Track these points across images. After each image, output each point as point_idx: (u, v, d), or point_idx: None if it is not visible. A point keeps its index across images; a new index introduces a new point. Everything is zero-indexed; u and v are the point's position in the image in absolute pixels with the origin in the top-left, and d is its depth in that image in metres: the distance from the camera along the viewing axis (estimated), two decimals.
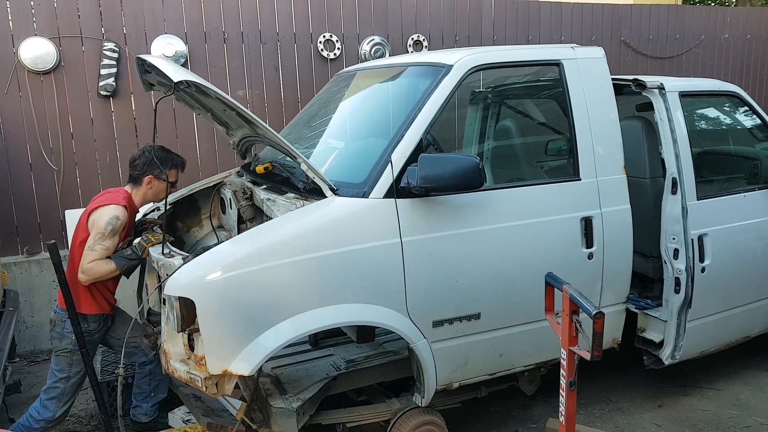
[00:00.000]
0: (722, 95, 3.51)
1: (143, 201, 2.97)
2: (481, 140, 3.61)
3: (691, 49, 6.51)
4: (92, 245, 2.73)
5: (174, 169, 2.97)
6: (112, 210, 2.75)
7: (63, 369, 2.86)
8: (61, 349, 2.85)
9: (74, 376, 2.87)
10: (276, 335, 2.32)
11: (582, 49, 2.96)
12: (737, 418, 3.29)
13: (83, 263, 2.73)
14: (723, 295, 3.26)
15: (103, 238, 2.73)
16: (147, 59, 2.60)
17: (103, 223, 2.72)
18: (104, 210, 2.76)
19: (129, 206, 2.84)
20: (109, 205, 2.77)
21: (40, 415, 2.87)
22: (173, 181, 2.98)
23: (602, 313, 2.01)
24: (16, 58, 4.28)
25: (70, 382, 2.87)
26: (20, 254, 4.44)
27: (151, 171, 2.89)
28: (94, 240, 2.73)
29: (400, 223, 2.49)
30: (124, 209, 2.78)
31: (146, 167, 2.89)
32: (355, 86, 3.38)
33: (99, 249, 2.73)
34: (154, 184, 2.91)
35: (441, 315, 2.62)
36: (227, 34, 4.83)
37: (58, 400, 2.87)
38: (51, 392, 2.88)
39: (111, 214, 2.73)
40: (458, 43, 5.55)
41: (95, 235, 2.73)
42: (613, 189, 2.92)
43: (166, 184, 2.90)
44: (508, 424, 3.27)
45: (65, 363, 2.85)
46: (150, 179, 2.90)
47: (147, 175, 2.89)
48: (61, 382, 2.87)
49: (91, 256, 2.73)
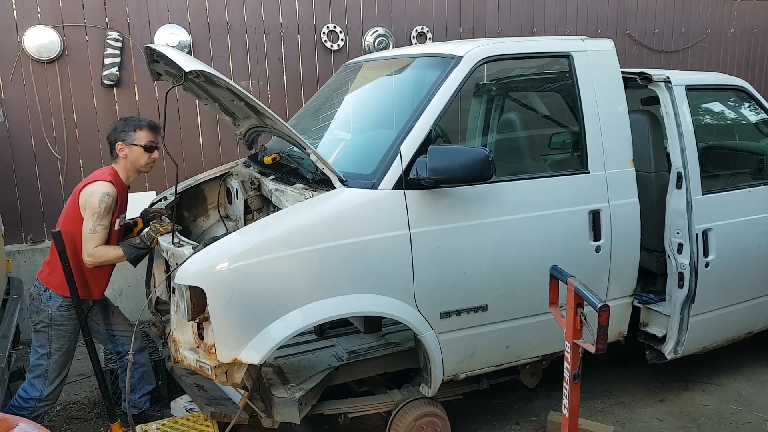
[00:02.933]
0: (729, 89, 3.49)
1: (126, 173, 2.89)
2: (488, 132, 3.60)
3: (697, 43, 6.46)
4: (93, 227, 2.70)
5: (139, 131, 2.83)
6: (100, 186, 2.72)
7: (43, 345, 2.83)
8: (38, 322, 2.81)
9: (55, 353, 2.83)
10: (285, 325, 2.34)
11: (592, 42, 2.95)
12: (739, 414, 3.29)
13: (89, 247, 2.72)
14: (726, 291, 3.25)
15: (100, 217, 2.71)
16: (157, 48, 2.60)
17: (96, 201, 2.69)
18: (93, 187, 2.73)
19: (116, 182, 2.79)
20: (96, 182, 2.75)
21: (27, 394, 2.86)
22: (146, 144, 2.84)
23: (608, 306, 2.01)
24: (20, 46, 4.27)
25: (52, 358, 2.83)
26: (24, 242, 4.45)
27: (118, 137, 2.84)
28: (93, 221, 2.70)
29: (408, 215, 2.49)
30: (111, 185, 2.74)
31: (113, 134, 2.85)
32: (363, 77, 3.37)
33: (100, 230, 2.71)
34: (126, 150, 2.84)
35: (448, 306, 2.62)
36: (231, 24, 4.81)
37: (44, 378, 2.84)
38: (35, 370, 2.85)
39: (101, 191, 2.70)
40: (462, 35, 5.52)
41: (92, 215, 2.70)
42: (622, 182, 2.91)
43: (139, 149, 2.83)
44: (509, 417, 3.27)
45: (44, 338, 2.82)
46: (121, 146, 2.83)
47: (117, 142, 2.83)
48: (43, 359, 2.83)
49: (95, 239, 2.71)
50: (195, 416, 2.93)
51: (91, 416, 3.38)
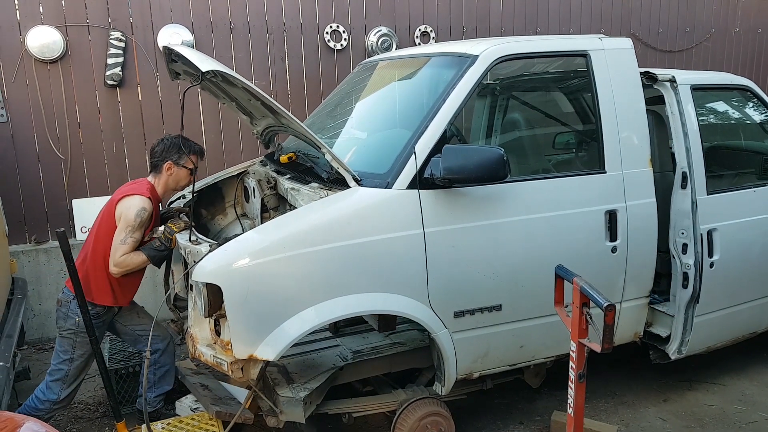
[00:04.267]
0: (734, 89, 3.48)
1: (165, 189, 2.97)
2: (503, 131, 3.59)
3: (702, 43, 6.44)
4: (124, 238, 2.75)
5: (193, 155, 2.96)
6: (138, 201, 2.77)
7: (66, 350, 2.88)
8: (65, 329, 2.86)
9: (78, 359, 2.88)
10: (300, 322, 2.36)
11: (609, 40, 2.94)
12: (743, 414, 3.29)
13: (116, 256, 2.76)
14: (731, 291, 3.24)
15: (134, 231, 2.76)
16: (175, 49, 2.62)
17: (132, 215, 2.74)
18: (131, 201, 2.78)
19: (153, 197, 2.85)
20: (134, 196, 2.79)
21: (44, 395, 2.90)
22: (192, 168, 2.97)
23: (613, 306, 2.00)
24: (23, 46, 4.28)
25: (74, 364, 2.88)
26: (28, 243, 4.46)
27: (169, 156, 2.90)
28: (125, 233, 2.75)
29: (423, 214, 2.50)
30: (149, 201, 2.80)
31: (165, 153, 2.90)
32: (378, 76, 3.38)
33: (131, 242, 2.77)
34: (174, 171, 2.92)
35: (462, 305, 2.63)
36: (234, 23, 4.81)
37: (63, 382, 2.89)
38: (55, 374, 2.90)
39: (139, 206, 2.76)
40: (466, 35, 5.51)
41: (126, 227, 2.75)
42: (639, 182, 2.90)
43: (185, 171, 2.92)
44: (513, 417, 3.27)
45: (69, 344, 2.87)
46: (169, 165, 2.91)
47: (166, 161, 2.90)
48: (64, 364, 2.88)
49: (123, 249, 2.76)
50: (200, 415, 2.94)
51: (96, 416, 3.39)
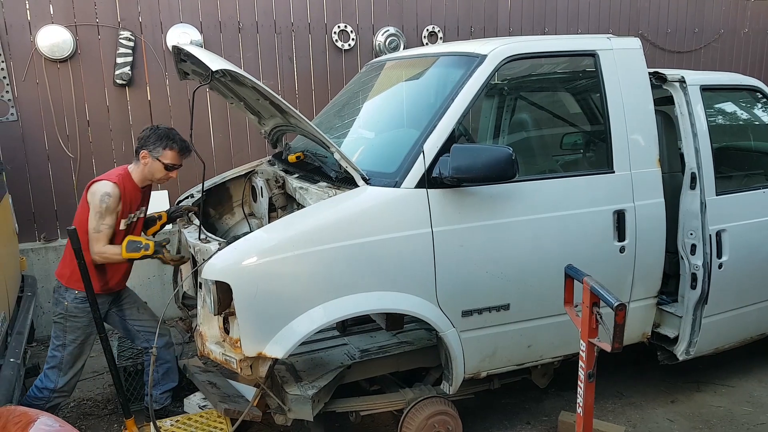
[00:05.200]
0: (743, 90, 3.47)
1: (141, 177, 2.91)
2: (512, 131, 3.59)
3: (710, 44, 6.42)
4: (96, 227, 2.76)
5: (169, 151, 2.84)
6: (102, 186, 2.77)
7: (58, 336, 2.90)
8: (56, 314, 2.89)
9: (70, 344, 2.89)
10: (309, 320, 2.38)
11: (618, 40, 2.93)
12: (751, 415, 3.27)
13: (94, 246, 2.78)
14: (739, 292, 3.23)
15: (102, 217, 2.76)
16: (184, 48, 2.64)
17: (97, 201, 2.75)
18: (96, 186, 2.79)
19: (121, 182, 2.81)
20: (101, 181, 2.80)
21: (42, 383, 2.92)
22: (169, 164, 2.87)
23: (624, 305, 2.00)
24: (33, 46, 4.31)
25: (67, 350, 2.89)
26: (37, 241, 4.49)
27: (146, 146, 2.86)
28: (96, 221, 2.76)
29: (431, 213, 2.50)
30: (114, 186, 2.78)
31: (144, 141, 2.87)
32: (386, 76, 3.38)
33: (104, 229, 2.77)
34: (148, 161, 2.86)
35: (470, 305, 2.63)
36: (242, 23, 4.82)
37: (58, 369, 2.90)
38: (50, 361, 2.92)
39: (102, 191, 2.75)
40: (474, 35, 5.51)
41: (94, 214, 2.76)
42: (647, 182, 2.90)
43: (159, 164, 2.86)
44: (520, 417, 3.27)
45: (60, 329, 2.89)
46: (145, 154, 2.86)
47: (143, 149, 2.86)
48: (58, 350, 2.90)
49: (100, 238, 2.77)
50: (208, 413, 2.95)
51: (105, 413, 3.41)
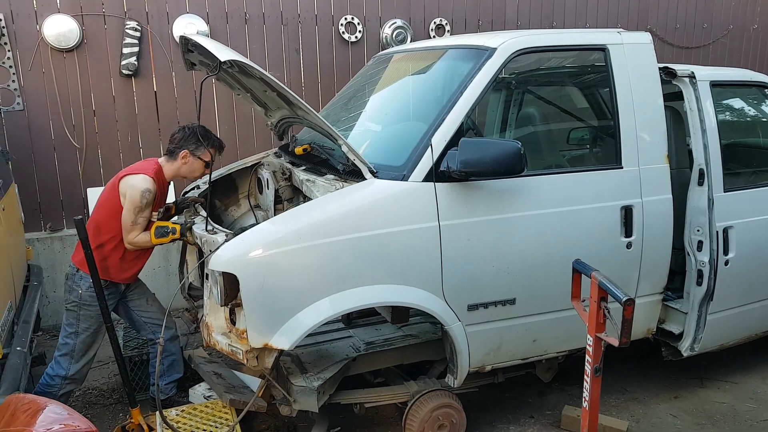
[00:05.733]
0: (753, 86, 3.45)
1: (175, 175, 2.97)
2: (520, 125, 3.56)
3: (719, 39, 6.37)
4: (135, 220, 2.80)
5: (212, 149, 2.96)
6: (142, 182, 2.79)
7: (71, 323, 2.91)
8: (70, 302, 2.90)
9: (83, 332, 2.90)
10: (315, 312, 2.38)
11: (629, 34, 2.92)
12: (754, 412, 3.28)
13: (130, 237, 2.82)
14: (745, 289, 3.23)
15: (141, 211, 2.80)
16: (192, 38, 2.62)
17: (138, 196, 2.77)
18: (135, 180, 2.80)
19: (157, 178, 2.87)
20: (138, 174, 2.82)
21: (53, 371, 2.94)
22: (208, 162, 2.98)
23: (632, 300, 2.00)
24: (39, 35, 4.30)
25: (80, 338, 2.91)
26: (43, 230, 4.50)
27: (187, 145, 2.90)
28: (134, 214, 2.79)
29: (438, 207, 2.50)
30: (153, 181, 2.82)
31: (183, 141, 2.91)
32: (394, 69, 3.37)
33: (142, 221, 2.82)
34: (189, 160, 2.92)
35: (476, 299, 2.64)
36: (249, 14, 4.81)
37: (70, 357, 2.92)
38: (62, 348, 2.93)
39: (143, 187, 2.78)
40: (481, 28, 5.49)
41: (133, 208, 2.78)
42: (655, 178, 2.89)
43: (201, 162, 2.93)
44: (524, 411, 3.28)
45: (73, 317, 2.90)
46: (185, 154, 2.91)
47: (183, 149, 2.90)
48: (70, 338, 2.91)
49: (136, 229, 2.82)
50: (213, 403, 2.96)
51: (110, 402, 3.43)
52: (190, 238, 2.82)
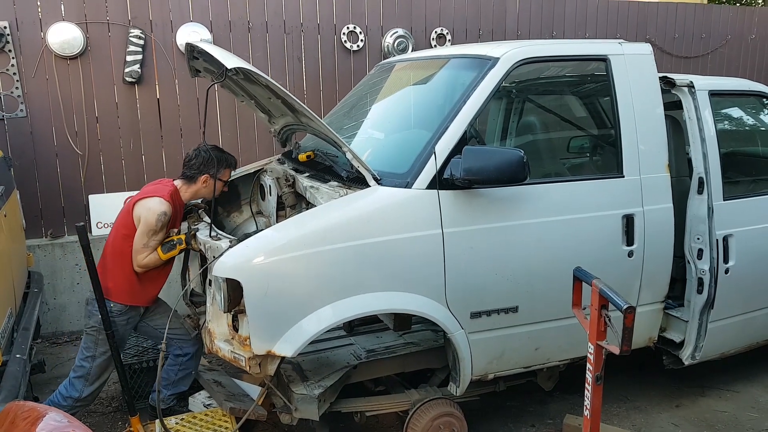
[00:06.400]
0: (751, 95, 3.47)
1: (194, 197, 3.02)
2: (522, 134, 3.59)
3: (717, 49, 6.42)
4: (147, 243, 2.81)
5: (229, 169, 3.04)
6: (158, 205, 2.80)
7: (89, 347, 2.91)
8: (89, 326, 2.89)
9: (100, 356, 2.91)
10: (318, 320, 2.38)
11: (630, 45, 2.95)
12: (756, 421, 3.27)
13: (139, 259, 2.82)
14: (746, 297, 3.23)
15: (156, 234, 2.82)
16: (198, 45, 2.64)
17: (153, 221, 2.78)
18: (151, 203, 2.80)
19: (173, 201, 2.88)
20: (154, 198, 2.82)
21: (67, 392, 2.92)
22: (226, 180, 3.05)
23: (633, 308, 2.01)
24: (43, 42, 4.33)
25: (96, 362, 2.91)
26: (44, 237, 4.51)
27: (207, 170, 2.94)
28: (147, 237, 2.80)
29: (441, 215, 2.51)
30: (169, 205, 2.83)
31: (203, 167, 2.94)
32: (396, 77, 3.39)
33: (153, 244, 2.83)
34: (210, 183, 2.96)
35: (479, 306, 2.64)
36: (252, 23, 4.84)
37: (85, 380, 2.92)
38: (78, 371, 2.93)
39: (159, 211, 2.79)
40: (482, 38, 5.52)
41: (147, 231, 2.79)
42: (656, 187, 2.91)
43: (221, 183, 2.99)
44: (525, 419, 3.27)
45: (91, 341, 2.90)
46: (206, 178, 2.95)
47: (203, 174, 2.94)
48: (87, 361, 2.91)
49: (146, 252, 2.82)
50: (213, 412, 2.96)
51: (109, 410, 3.42)
52: (195, 245, 2.83)
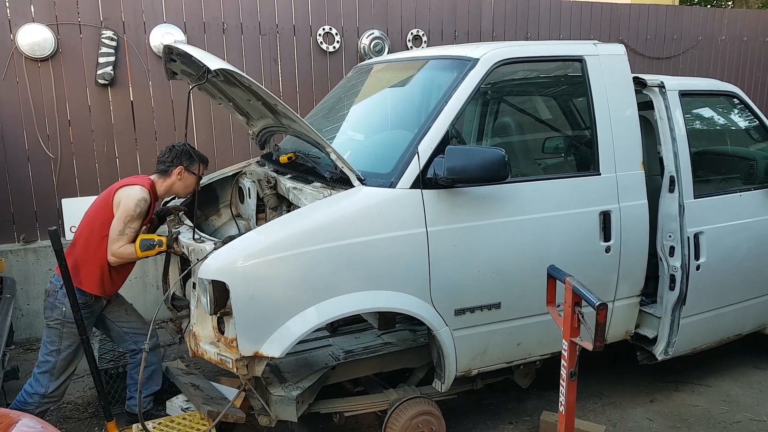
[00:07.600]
0: (721, 95, 3.55)
1: (168, 192, 3.00)
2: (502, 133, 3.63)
3: (689, 50, 6.56)
4: (123, 230, 2.78)
5: (202, 163, 3.03)
6: (138, 192, 2.79)
7: (54, 341, 2.86)
8: (52, 319, 2.85)
9: (65, 350, 2.86)
10: (304, 320, 2.38)
11: (604, 46, 3.01)
12: (727, 414, 3.34)
13: (114, 247, 2.78)
14: (716, 293, 3.30)
15: (132, 221, 2.78)
16: (178, 47, 2.62)
17: (132, 205, 2.76)
18: (131, 190, 2.80)
19: (152, 192, 2.87)
20: (135, 186, 2.81)
21: (33, 389, 2.88)
22: (200, 175, 3.03)
23: (605, 305, 2.04)
24: (13, 44, 4.25)
25: (61, 355, 2.86)
26: (16, 242, 4.42)
27: (181, 162, 2.94)
28: (123, 223, 2.77)
29: (425, 214, 2.53)
30: (148, 193, 2.82)
31: (176, 159, 2.94)
32: (375, 79, 3.41)
33: (129, 233, 2.80)
34: (184, 176, 2.95)
35: (463, 303, 2.67)
36: (226, 24, 4.81)
37: (50, 375, 2.87)
38: (43, 366, 2.88)
39: (139, 196, 2.78)
40: (458, 39, 5.56)
41: (124, 217, 2.76)
42: (632, 184, 2.97)
43: (194, 177, 2.97)
44: (503, 417, 3.30)
45: (56, 335, 2.85)
46: (180, 170, 2.94)
47: (177, 166, 2.93)
48: (51, 355, 2.86)
49: (122, 240, 2.78)
50: (191, 415, 2.93)
51: (85, 416, 3.37)
52: (177, 249, 2.81)
